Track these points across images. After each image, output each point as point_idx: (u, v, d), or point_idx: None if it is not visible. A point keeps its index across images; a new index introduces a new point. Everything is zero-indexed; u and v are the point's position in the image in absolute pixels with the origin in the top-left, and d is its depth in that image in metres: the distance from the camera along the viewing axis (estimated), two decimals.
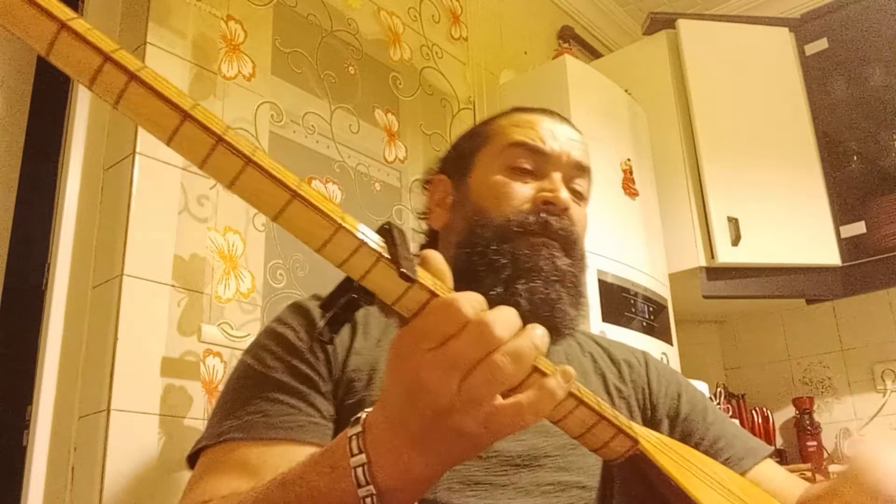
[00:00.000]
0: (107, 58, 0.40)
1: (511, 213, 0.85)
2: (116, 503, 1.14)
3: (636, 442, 0.58)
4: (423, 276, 0.48)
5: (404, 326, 0.49)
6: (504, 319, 0.47)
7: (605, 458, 0.59)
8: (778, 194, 2.28)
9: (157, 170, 1.32)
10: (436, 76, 1.98)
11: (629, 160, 2.08)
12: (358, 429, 0.51)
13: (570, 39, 2.64)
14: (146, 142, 1.32)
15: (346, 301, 0.48)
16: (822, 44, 2.48)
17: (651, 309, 1.96)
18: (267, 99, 1.54)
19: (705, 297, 2.17)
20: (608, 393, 0.90)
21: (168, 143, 0.43)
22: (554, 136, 0.90)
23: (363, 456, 0.49)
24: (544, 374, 0.49)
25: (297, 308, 0.83)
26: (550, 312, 0.82)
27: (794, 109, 2.42)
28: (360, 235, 0.45)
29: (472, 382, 0.46)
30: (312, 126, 1.64)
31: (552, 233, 0.84)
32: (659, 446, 0.61)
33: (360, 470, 0.49)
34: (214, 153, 0.43)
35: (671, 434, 0.88)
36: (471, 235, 0.86)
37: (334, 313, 0.48)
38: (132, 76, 0.41)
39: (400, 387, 0.49)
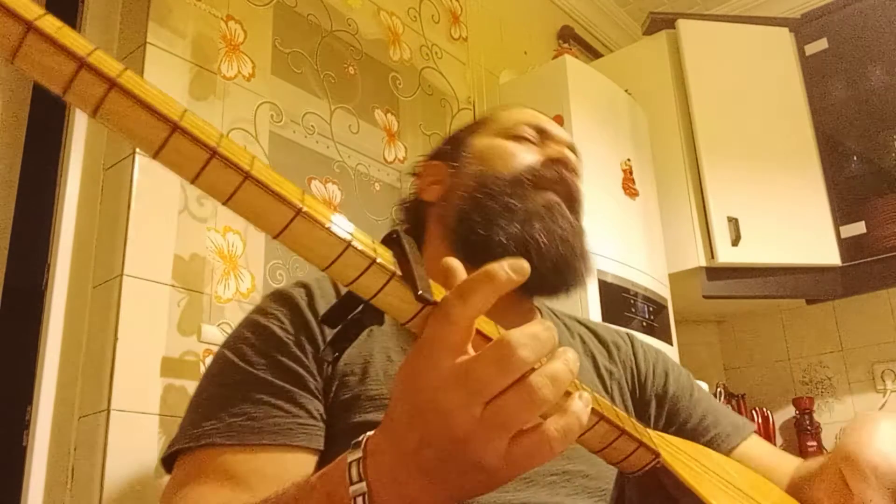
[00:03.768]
0: (82, 63, 0.35)
1: (521, 168, 0.85)
2: (116, 503, 1.14)
3: (657, 455, 0.56)
4: (438, 291, 0.44)
5: (420, 340, 0.44)
6: (531, 338, 0.42)
7: (625, 471, 0.57)
8: (778, 194, 2.28)
9: (157, 170, 1.32)
10: (435, 76, 1.98)
11: (629, 160, 2.08)
12: (358, 454, 0.46)
13: (570, 39, 2.64)
14: None
15: (352, 320, 0.44)
16: (822, 44, 2.48)
17: (651, 309, 1.96)
18: (267, 99, 1.54)
19: (705, 297, 2.18)
20: (599, 376, 0.89)
21: (155, 157, 0.38)
22: (554, 126, 0.93)
23: (363, 485, 0.45)
24: (569, 394, 0.45)
25: (281, 296, 0.78)
26: (567, 254, 0.81)
27: (794, 109, 2.42)
28: (369, 252, 0.41)
29: (503, 405, 0.41)
30: (312, 126, 1.64)
31: (564, 187, 0.85)
32: (676, 454, 0.59)
33: (359, 500, 0.44)
34: (207, 168, 0.38)
35: (659, 412, 0.89)
36: (482, 185, 0.84)
37: (338, 331, 0.44)
38: (112, 83, 0.35)
39: (411, 409, 0.44)
